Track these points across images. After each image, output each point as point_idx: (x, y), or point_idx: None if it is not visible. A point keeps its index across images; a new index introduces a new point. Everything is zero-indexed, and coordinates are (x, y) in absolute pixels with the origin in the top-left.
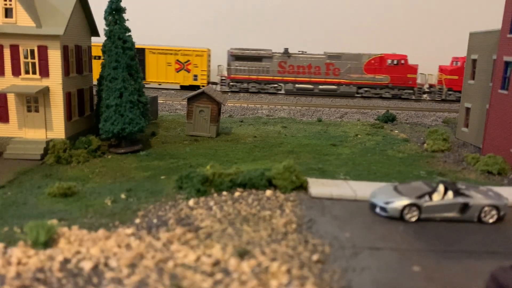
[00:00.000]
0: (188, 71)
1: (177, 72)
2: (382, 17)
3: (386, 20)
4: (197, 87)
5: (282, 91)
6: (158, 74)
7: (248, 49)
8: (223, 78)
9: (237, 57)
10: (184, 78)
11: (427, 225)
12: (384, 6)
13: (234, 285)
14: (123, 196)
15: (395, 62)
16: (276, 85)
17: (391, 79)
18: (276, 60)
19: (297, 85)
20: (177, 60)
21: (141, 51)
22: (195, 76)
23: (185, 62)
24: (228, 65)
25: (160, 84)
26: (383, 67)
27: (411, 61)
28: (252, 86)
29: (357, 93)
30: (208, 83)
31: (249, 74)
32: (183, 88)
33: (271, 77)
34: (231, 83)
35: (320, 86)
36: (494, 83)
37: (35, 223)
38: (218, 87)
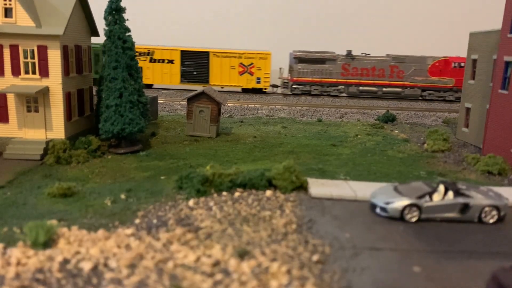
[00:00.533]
0: (251, 74)
1: (240, 75)
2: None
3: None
4: (260, 90)
5: (344, 94)
6: (221, 77)
7: (311, 52)
8: (285, 80)
9: (300, 59)
10: (247, 81)
11: (427, 225)
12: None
13: (234, 285)
14: (123, 196)
15: (461, 65)
16: (339, 88)
17: (455, 82)
18: (339, 63)
19: (360, 88)
20: (241, 63)
21: (206, 54)
22: (258, 79)
23: (249, 65)
24: (291, 67)
25: (222, 88)
26: (448, 70)
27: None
28: (315, 89)
29: (421, 96)
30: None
31: (312, 76)
32: (245, 91)
33: (335, 80)
34: (293, 86)
35: (384, 89)
36: (494, 83)
37: (35, 223)
38: (279, 90)
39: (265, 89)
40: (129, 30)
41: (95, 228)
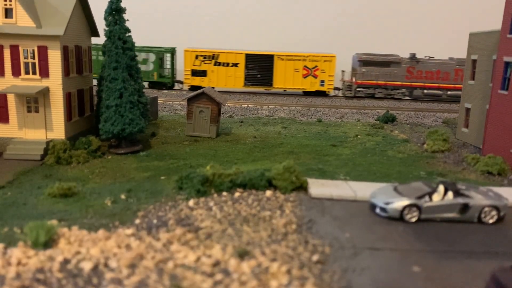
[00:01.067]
0: (315, 76)
1: (304, 78)
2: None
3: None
4: (322, 93)
5: (407, 97)
6: (285, 80)
7: (376, 54)
8: (349, 83)
9: (365, 62)
10: (310, 84)
11: (427, 225)
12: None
13: (234, 285)
14: (123, 196)
15: None
16: (403, 91)
17: None
18: (404, 66)
19: (425, 91)
20: (305, 66)
21: (270, 57)
22: (322, 81)
23: (313, 68)
24: (354, 70)
25: (285, 90)
26: None
27: None
28: (379, 92)
29: None
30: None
31: (376, 79)
32: (306, 94)
33: (400, 83)
34: (357, 89)
35: (449, 92)
36: (494, 83)
37: (35, 223)
38: (340, 93)
39: (329, 92)
40: (129, 31)
41: (95, 228)
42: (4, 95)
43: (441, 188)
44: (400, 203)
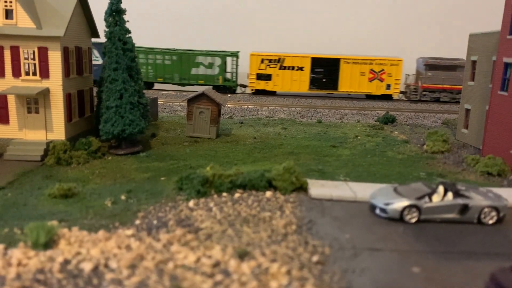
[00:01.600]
0: (381, 80)
1: (370, 81)
2: None
3: None
4: (386, 96)
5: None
6: (351, 84)
7: (442, 58)
8: (415, 87)
9: (431, 66)
10: (376, 87)
11: (427, 226)
12: None
13: (234, 286)
14: (123, 197)
15: None
16: None
17: None
18: None
19: None
20: (371, 70)
21: (336, 61)
22: (388, 85)
23: (379, 72)
24: (420, 74)
25: (349, 94)
26: None
27: None
28: (444, 96)
29: None
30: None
31: (442, 83)
32: (370, 97)
33: None
34: (423, 92)
35: None
36: (493, 84)
37: (36, 224)
38: (404, 96)
39: (395, 95)
40: (129, 32)
41: (95, 229)
42: (5, 96)
43: (440, 188)
44: (400, 203)
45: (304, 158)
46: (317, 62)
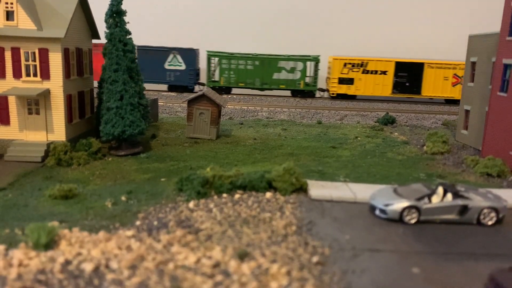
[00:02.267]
0: None
1: (453, 86)
2: None
3: None
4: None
5: None
6: (433, 88)
7: None
8: None
9: None
10: (459, 92)
11: (426, 227)
12: None
13: (234, 286)
14: (123, 198)
15: None
16: None
17: None
18: None
19: None
20: (455, 74)
21: (420, 65)
22: None
23: (462, 76)
24: None
25: (431, 99)
26: None
27: None
28: None
29: None
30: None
31: None
32: (448, 102)
33: None
34: None
35: None
36: (493, 85)
37: (36, 225)
38: None
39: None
40: (129, 33)
41: (96, 229)
42: (5, 97)
43: (440, 189)
44: (399, 204)
45: (304, 159)
46: (400, 66)
